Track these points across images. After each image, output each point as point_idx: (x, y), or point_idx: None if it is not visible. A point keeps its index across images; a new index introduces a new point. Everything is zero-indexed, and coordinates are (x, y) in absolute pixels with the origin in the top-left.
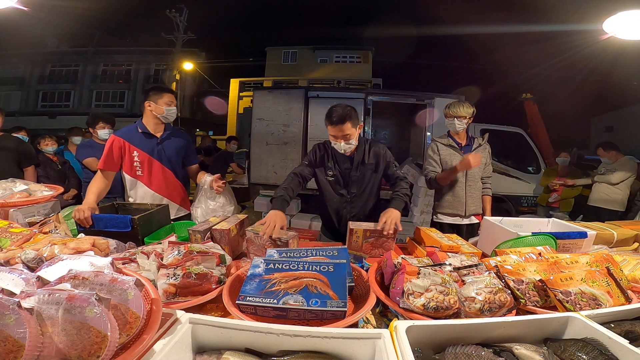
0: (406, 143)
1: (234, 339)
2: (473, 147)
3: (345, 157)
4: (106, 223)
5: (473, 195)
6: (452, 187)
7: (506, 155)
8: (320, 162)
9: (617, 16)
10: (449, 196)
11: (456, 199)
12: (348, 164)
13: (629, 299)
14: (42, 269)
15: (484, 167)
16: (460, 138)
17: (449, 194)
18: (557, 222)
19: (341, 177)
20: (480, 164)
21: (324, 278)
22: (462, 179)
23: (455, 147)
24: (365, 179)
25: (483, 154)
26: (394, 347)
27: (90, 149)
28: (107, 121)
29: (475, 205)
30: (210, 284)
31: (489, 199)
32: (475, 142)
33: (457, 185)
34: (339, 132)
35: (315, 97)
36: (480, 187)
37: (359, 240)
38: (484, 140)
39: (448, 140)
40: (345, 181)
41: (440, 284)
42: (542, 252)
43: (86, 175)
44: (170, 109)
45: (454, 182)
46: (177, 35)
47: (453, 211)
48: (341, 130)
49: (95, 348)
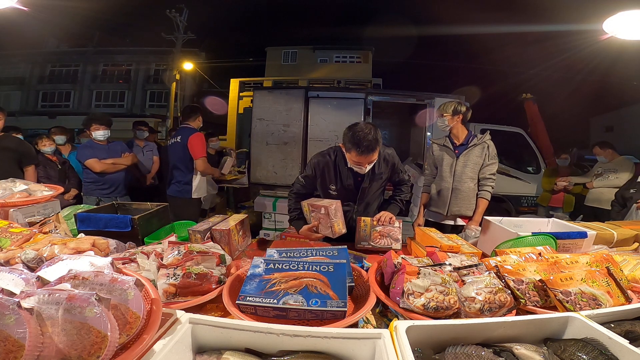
0: (406, 143)
1: (234, 339)
2: (469, 145)
3: (351, 173)
4: (106, 223)
5: (458, 196)
6: (438, 187)
7: (506, 155)
8: (321, 176)
9: (617, 16)
10: (434, 194)
11: (440, 198)
12: (353, 180)
13: (629, 299)
14: (42, 269)
15: (481, 168)
16: (457, 137)
17: (434, 192)
18: (557, 222)
19: (345, 191)
20: (473, 164)
21: (324, 278)
22: (449, 179)
23: (449, 147)
24: (373, 189)
25: (476, 151)
26: (394, 347)
27: (90, 150)
28: (102, 122)
29: (459, 206)
30: (210, 284)
31: (482, 202)
32: (472, 141)
33: (443, 183)
34: (366, 160)
35: (316, 97)
36: (472, 188)
37: (367, 229)
38: (481, 139)
39: (444, 140)
40: (351, 195)
41: (440, 284)
42: (542, 252)
43: (86, 175)
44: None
45: (441, 182)
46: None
47: (436, 209)
48: (368, 159)
49: (95, 348)
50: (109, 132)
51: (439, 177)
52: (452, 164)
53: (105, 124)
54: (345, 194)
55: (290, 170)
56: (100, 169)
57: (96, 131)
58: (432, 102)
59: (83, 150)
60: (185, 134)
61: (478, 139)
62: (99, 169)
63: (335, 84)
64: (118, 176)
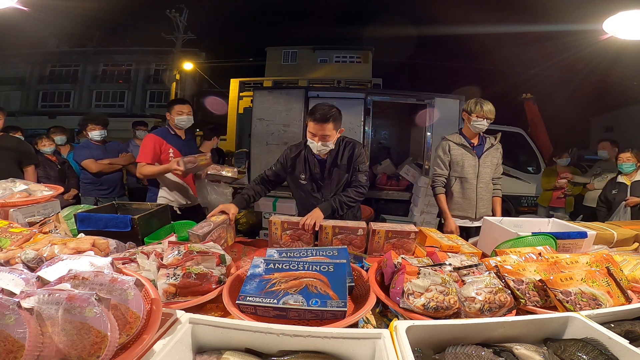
0: (406, 143)
1: (234, 339)
2: (485, 148)
3: (317, 160)
4: (106, 223)
5: (484, 197)
6: (462, 189)
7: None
8: (292, 165)
9: (617, 16)
10: (459, 198)
11: (467, 202)
12: (318, 169)
13: (629, 299)
14: (42, 269)
15: (495, 168)
16: (472, 137)
17: (459, 196)
18: (557, 222)
19: (313, 181)
20: (494, 165)
21: (324, 278)
22: (474, 181)
23: (467, 146)
24: (337, 181)
25: (494, 152)
26: (394, 347)
27: (87, 150)
28: (98, 122)
29: (485, 207)
30: (210, 284)
31: (499, 201)
32: (487, 142)
33: (467, 187)
34: (319, 130)
35: (316, 97)
36: (492, 189)
37: (329, 237)
38: (496, 141)
39: (460, 139)
40: (317, 185)
41: (440, 284)
42: (542, 252)
43: (84, 175)
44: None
45: (465, 184)
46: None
47: (463, 214)
48: (322, 129)
49: (95, 348)
50: (106, 132)
51: (463, 179)
52: (475, 165)
53: (102, 124)
54: (312, 183)
55: None
56: (96, 169)
57: (92, 131)
58: (432, 102)
59: (80, 151)
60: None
61: (494, 140)
62: (95, 169)
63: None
64: (115, 176)
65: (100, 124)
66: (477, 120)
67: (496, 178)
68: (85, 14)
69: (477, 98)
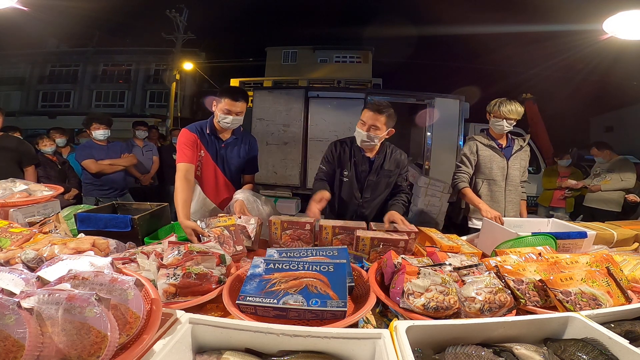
0: (406, 143)
1: (234, 339)
2: (514, 150)
3: (365, 159)
4: (106, 223)
5: (513, 200)
6: (491, 192)
7: None
8: (338, 161)
9: (617, 16)
10: (488, 201)
11: (495, 204)
12: (367, 167)
13: (629, 299)
14: (42, 269)
15: (522, 171)
16: (499, 138)
17: (487, 199)
18: (557, 222)
19: (356, 179)
20: (522, 168)
21: (324, 278)
22: (502, 184)
23: (496, 148)
24: (380, 184)
25: (523, 156)
26: (394, 347)
27: (88, 150)
28: (102, 122)
29: (514, 210)
30: (210, 284)
31: (524, 203)
32: (516, 144)
33: (496, 189)
34: (370, 119)
35: (315, 97)
36: (520, 191)
37: (329, 237)
38: (525, 143)
39: (488, 140)
40: (360, 184)
41: (440, 284)
42: (542, 252)
43: (85, 175)
44: (226, 117)
45: (493, 187)
46: (177, 35)
47: None
48: (373, 119)
49: (95, 348)
50: (109, 132)
51: (491, 181)
52: (504, 167)
53: (106, 123)
54: (355, 182)
55: (290, 170)
56: (96, 169)
57: (96, 130)
58: (432, 102)
59: (81, 151)
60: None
61: (523, 142)
62: (95, 169)
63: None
64: (116, 177)
65: (104, 124)
66: (496, 120)
67: (523, 181)
68: (85, 14)
69: (503, 98)
